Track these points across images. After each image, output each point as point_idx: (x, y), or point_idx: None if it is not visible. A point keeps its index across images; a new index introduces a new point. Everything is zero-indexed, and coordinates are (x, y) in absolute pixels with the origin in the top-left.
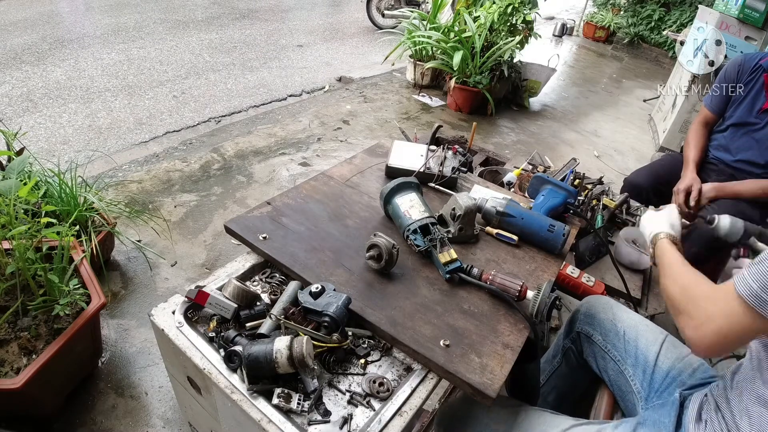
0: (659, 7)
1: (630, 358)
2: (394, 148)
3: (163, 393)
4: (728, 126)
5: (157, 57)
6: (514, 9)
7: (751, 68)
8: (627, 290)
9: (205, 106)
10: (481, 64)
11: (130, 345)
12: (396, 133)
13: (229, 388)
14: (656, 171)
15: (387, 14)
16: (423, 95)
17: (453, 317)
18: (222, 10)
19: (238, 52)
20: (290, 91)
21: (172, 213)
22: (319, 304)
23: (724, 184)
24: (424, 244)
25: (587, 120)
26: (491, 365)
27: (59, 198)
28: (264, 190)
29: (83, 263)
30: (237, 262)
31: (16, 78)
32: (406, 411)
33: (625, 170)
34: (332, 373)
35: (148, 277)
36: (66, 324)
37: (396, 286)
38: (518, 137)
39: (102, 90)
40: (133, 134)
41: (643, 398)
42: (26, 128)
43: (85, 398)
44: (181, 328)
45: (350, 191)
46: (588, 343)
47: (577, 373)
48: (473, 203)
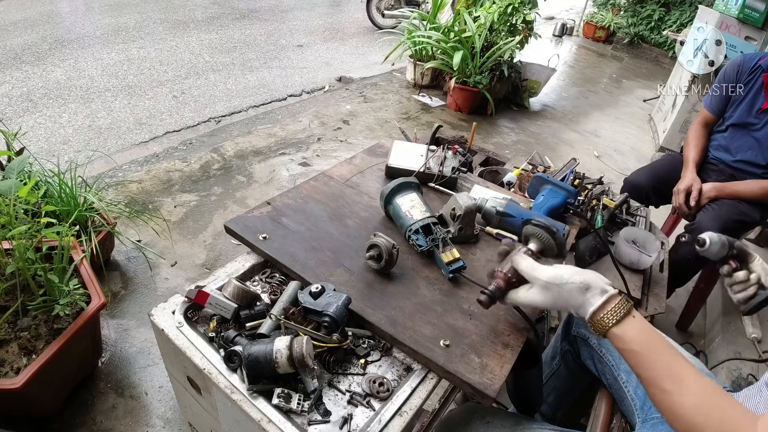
0: (659, 7)
1: (623, 363)
2: (394, 148)
3: (163, 393)
4: (728, 126)
5: (157, 57)
6: (514, 9)
7: (750, 68)
8: (627, 290)
9: (205, 106)
10: (481, 64)
11: (130, 345)
12: (396, 133)
13: (229, 388)
14: (656, 171)
15: (387, 14)
16: (423, 95)
17: (453, 317)
18: (222, 10)
19: (238, 52)
20: (290, 91)
21: (172, 213)
22: (319, 304)
23: (725, 184)
24: (427, 244)
25: (587, 120)
26: (491, 365)
27: (59, 198)
28: (264, 190)
29: (83, 263)
30: (237, 262)
31: (16, 78)
32: (406, 411)
33: (625, 170)
34: (332, 373)
35: (148, 277)
36: (66, 324)
37: (396, 286)
38: (518, 137)
39: (102, 90)
40: (133, 134)
41: (638, 407)
42: (26, 128)
43: (85, 398)
44: (181, 328)
45: (350, 191)
46: (585, 346)
47: (576, 374)
48: (473, 203)
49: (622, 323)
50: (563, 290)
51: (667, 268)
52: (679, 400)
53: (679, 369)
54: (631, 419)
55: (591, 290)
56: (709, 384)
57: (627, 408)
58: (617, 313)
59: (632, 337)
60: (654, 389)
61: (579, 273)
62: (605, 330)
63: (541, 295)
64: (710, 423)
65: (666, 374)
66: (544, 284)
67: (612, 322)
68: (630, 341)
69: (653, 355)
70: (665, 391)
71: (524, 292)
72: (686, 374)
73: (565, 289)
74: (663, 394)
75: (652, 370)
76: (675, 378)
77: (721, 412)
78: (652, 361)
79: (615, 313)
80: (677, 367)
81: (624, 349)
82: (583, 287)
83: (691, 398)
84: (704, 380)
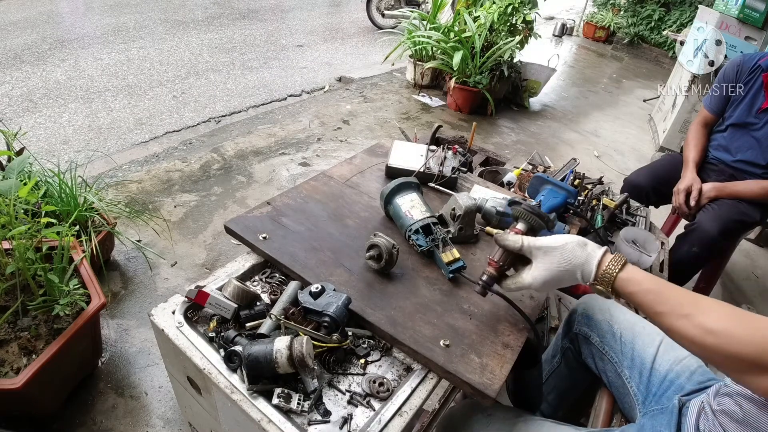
0: (659, 7)
1: (626, 360)
2: (394, 148)
3: (163, 393)
4: (728, 126)
5: (157, 57)
6: (514, 9)
7: (750, 68)
8: None
9: (205, 106)
10: (481, 64)
11: (130, 345)
12: (396, 133)
13: (229, 388)
14: (656, 171)
15: (387, 14)
16: (423, 95)
17: (453, 317)
18: (222, 10)
19: (238, 52)
20: (290, 91)
21: (172, 213)
22: (319, 304)
23: (725, 184)
24: (427, 244)
25: (587, 120)
26: (491, 365)
27: (59, 198)
28: (264, 190)
29: (83, 263)
30: (237, 262)
31: (16, 78)
32: (406, 411)
33: (625, 170)
34: (332, 373)
35: (148, 277)
36: (66, 324)
37: (396, 286)
38: (518, 137)
39: (102, 90)
40: (133, 134)
41: (640, 401)
42: (26, 128)
43: (85, 398)
44: (181, 328)
45: (350, 191)
46: (586, 345)
47: (577, 373)
48: (473, 203)
49: (626, 268)
50: (566, 250)
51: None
52: (704, 318)
53: (693, 296)
54: (631, 415)
55: (589, 245)
56: (724, 303)
57: (628, 404)
58: (619, 261)
59: (642, 277)
60: (673, 319)
61: (570, 235)
62: (613, 278)
63: (546, 265)
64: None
65: (684, 301)
66: (546, 249)
67: (617, 268)
68: (642, 280)
69: (666, 288)
70: (688, 315)
71: (527, 273)
72: (701, 298)
73: (567, 248)
74: (686, 319)
75: (669, 301)
76: (693, 302)
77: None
78: (667, 294)
79: (617, 262)
80: (690, 295)
81: (636, 291)
82: (582, 243)
83: (714, 313)
84: (718, 301)
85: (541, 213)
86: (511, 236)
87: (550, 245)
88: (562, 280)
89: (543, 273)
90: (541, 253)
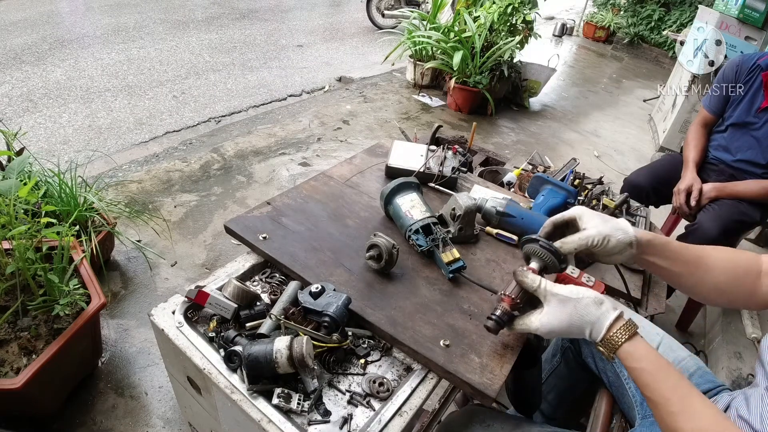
0: (659, 7)
1: None
2: (394, 148)
3: (163, 393)
4: (728, 126)
5: (157, 57)
6: (514, 9)
7: (749, 68)
8: (627, 290)
9: (205, 106)
10: (481, 64)
11: (130, 345)
12: (396, 133)
13: (229, 388)
14: (656, 171)
15: (387, 14)
16: (423, 95)
17: (453, 317)
18: (222, 10)
19: (238, 52)
20: (290, 91)
21: (172, 213)
22: (319, 304)
23: (725, 184)
24: (427, 244)
25: (587, 120)
26: (491, 365)
27: (59, 198)
28: (264, 190)
29: (83, 263)
30: (237, 262)
31: (16, 78)
32: (406, 411)
33: (625, 170)
34: (332, 373)
35: (148, 277)
36: (66, 324)
37: (396, 286)
38: (518, 137)
39: (102, 90)
40: (133, 134)
41: (638, 403)
42: (26, 128)
43: (85, 398)
44: (181, 328)
45: (350, 191)
46: (586, 344)
47: (577, 372)
48: (473, 203)
49: (633, 340)
50: (580, 305)
51: None
52: (685, 425)
53: (687, 391)
54: (630, 416)
55: (605, 304)
56: (716, 410)
57: (627, 404)
58: (628, 330)
59: (644, 354)
60: (662, 411)
61: (589, 290)
62: (617, 346)
63: (558, 314)
64: None
65: (674, 395)
66: (561, 299)
67: (624, 338)
68: (642, 358)
69: (662, 374)
70: (673, 413)
71: (537, 317)
72: (694, 397)
73: (582, 303)
74: (671, 417)
75: (661, 390)
76: (683, 400)
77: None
78: (661, 381)
79: (627, 329)
80: (685, 389)
81: (635, 368)
82: (598, 301)
83: (697, 423)
84: (711, 405)
85: (557, 251)
86: (530, 275)
87: (567, 296)
88: (571, 333)
89: (553, 321)
90: (555, 301)
